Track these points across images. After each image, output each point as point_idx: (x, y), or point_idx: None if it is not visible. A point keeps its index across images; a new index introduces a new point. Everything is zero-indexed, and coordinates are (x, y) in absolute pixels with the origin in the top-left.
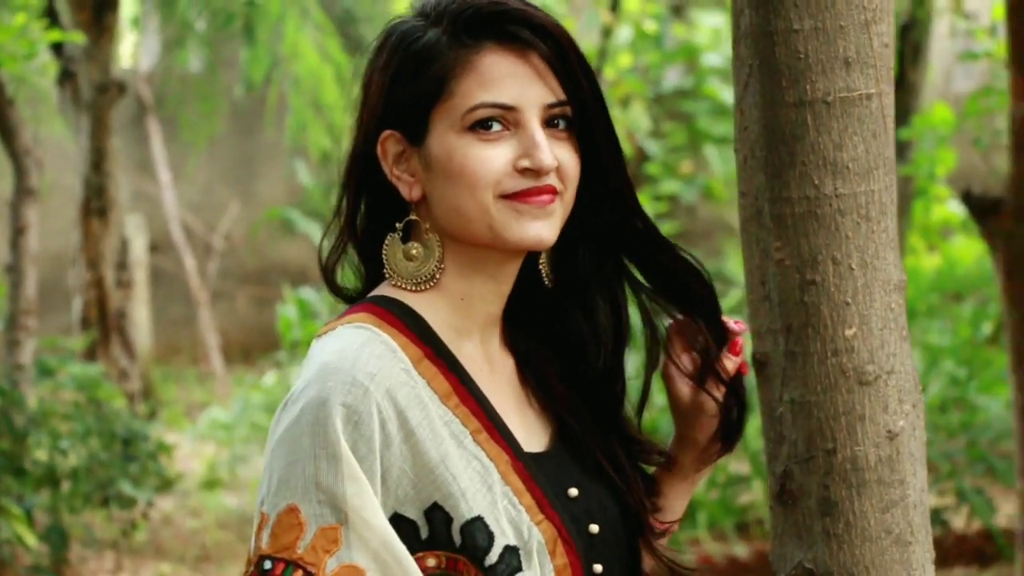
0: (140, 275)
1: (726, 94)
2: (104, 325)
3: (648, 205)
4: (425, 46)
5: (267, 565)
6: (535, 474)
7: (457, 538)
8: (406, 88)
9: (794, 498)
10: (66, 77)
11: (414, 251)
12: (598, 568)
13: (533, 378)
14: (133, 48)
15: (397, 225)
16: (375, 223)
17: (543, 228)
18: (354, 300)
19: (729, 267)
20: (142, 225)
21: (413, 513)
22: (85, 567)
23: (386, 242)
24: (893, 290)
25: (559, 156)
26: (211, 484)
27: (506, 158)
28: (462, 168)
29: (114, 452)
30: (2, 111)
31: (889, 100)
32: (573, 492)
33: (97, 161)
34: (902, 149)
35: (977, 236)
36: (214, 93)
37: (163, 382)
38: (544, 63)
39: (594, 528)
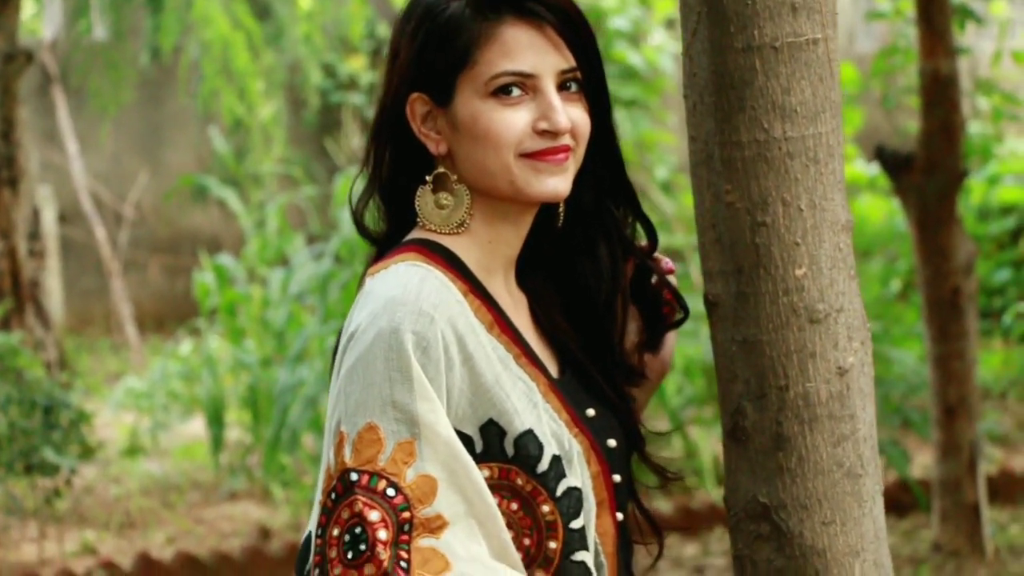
0: (51, 246)
1: (634, 58)
2: (18, 295)
3: None
4: (451, 18)
5: (353, 477)
6: (566, 394)
7: (510, 450)
8: (434, 56)
9: (747, 435)
10: None
11: (444, 200)
12: (617, 478)
13: (542, 313)
14: (35, 17)
15: (427, 177)
16: (403, 175)
17: (559, 182)
18: (380, 243)
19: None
20: (50, 196)
21: (469, 429)
22: (7, 535)
23: (418, 193)
24: (841, 230)
25: (572, 117)
26: (132, 451)
27: (525, 121)
28: (487, 130)
29: (35, 420)
30: None
31: (835, 45)
32: (591, 412)
33: (6, 131)
34: None
35: (884, 194)
36: (121, 62)
37: (77, 352)
38: (557, 34)
39: (612, 442)
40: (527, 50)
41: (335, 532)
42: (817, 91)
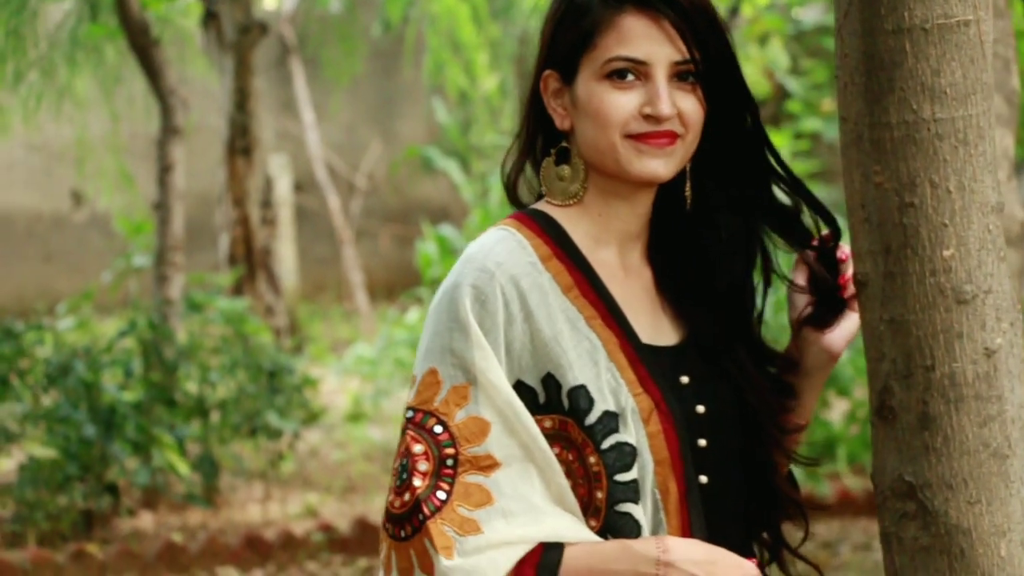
0: (285, 214)
1: None
2: (250, 262)
3: (788, 143)
4: (581, 4)
5: (410, 414)
6: (645, 358)
7: (566, 403)
8: (564, 37)
9: (894, 414)
10: (210, 18)
11: (564, 172)
12: (702, 442)
13: (670, 288)
14: None
15: (552, 150)
16: (546, 147)
17: (659, 165)
18: None
19: None
20: (286, 165)
21: (532, 381)
22: (235, 496)
23: (543, 164)
24: (991, 212)
25: (681, 105)
26: (356, 417)
27: (634, 104)
28: (598, 110)
29: (260, 385)
30: (147, 52)
31: (987, 27)
32: (684, 379)
33: (241, 101)
34: None
35: None
36: (353, 33)
37: (309, 319)
38: (673, 27)
39: (700, 408)
40: (642, 39)
41: (395, 463)
42: (968, 73)
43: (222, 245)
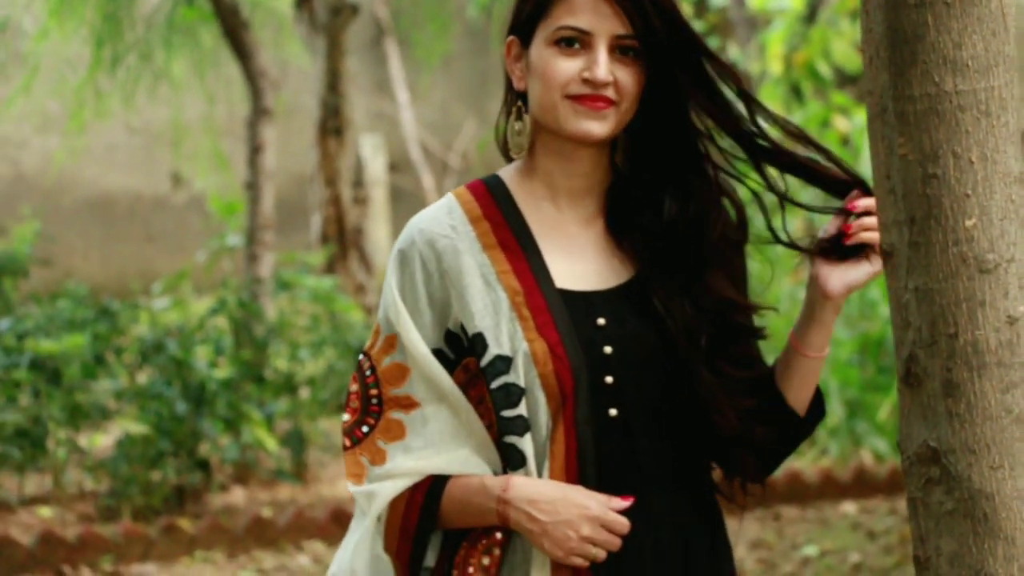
0: (379, 194)
1: None
2: (342, 241)
3: None
4: None
5: (360, 356)
6: (553, 304)
7: (470, 346)
8: (525, 6)
9: (919, 381)
10: (302, 1)
11: (517, 127)
12: (609, 379)
13: (619, 240)
14: None
15: (512, 108)
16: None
17: (593, 126)
18: None
19: None
20: (381, 145)
21: (455, 329)
22: (324, 471)
23: (507, 120)
24: (1014, 182)
25: (618, 75)
26: None
27: (575, 68)
28: (544, 71)
29: (349, 362)
30: (238, 34)
31: (1009, 0)
32: (601, 321)
33: (332, 82)
34: None
35: None
36: (446, 13)
37: None
38: (619, 4)
39: (608, 349)
40: (589, 12)
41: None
42: (990, 45)
43: (314, 225)
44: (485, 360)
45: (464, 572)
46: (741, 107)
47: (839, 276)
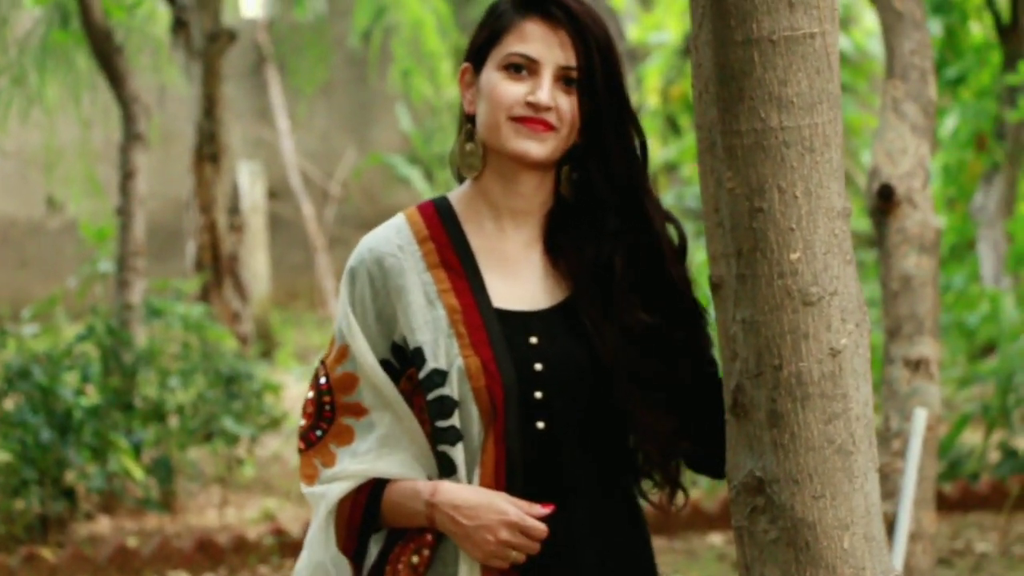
0: (258, 221)
1: (842, 42)
2: (217, 268)
3: None
4: (499, 10)
5: (317, 366)
6: (489, 324)
7: (411, 358)
8: (480, 35)
9: (745, 411)
10: (179, 26)
11: (469, 148)
12: (538, 394)
13: (556, 262)
14: None
15: (463, 129)
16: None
17: (532, 147)
18: None
19: None
20: (260, 172)
21: (400, 342)
22: (192, 501)
23: (457, 141)
24: (837, 217)
25: (560, 102)
26: None
27: (521, 92)
28: (491, 93)
29: (219, 391)
30: (110, 58)
31: (833, 39)
32: (533, 340)
33: (209, 108)
34: (1012, 94)
35: None
36: (325, 42)
37: (282, 326)
38: (568, 38)
39: (538, 366)
40: (538, 41)
41: None
42: (814, 83)
43: (189, 251)
44: (423, 373)
45: (395, 568)
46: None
47: None
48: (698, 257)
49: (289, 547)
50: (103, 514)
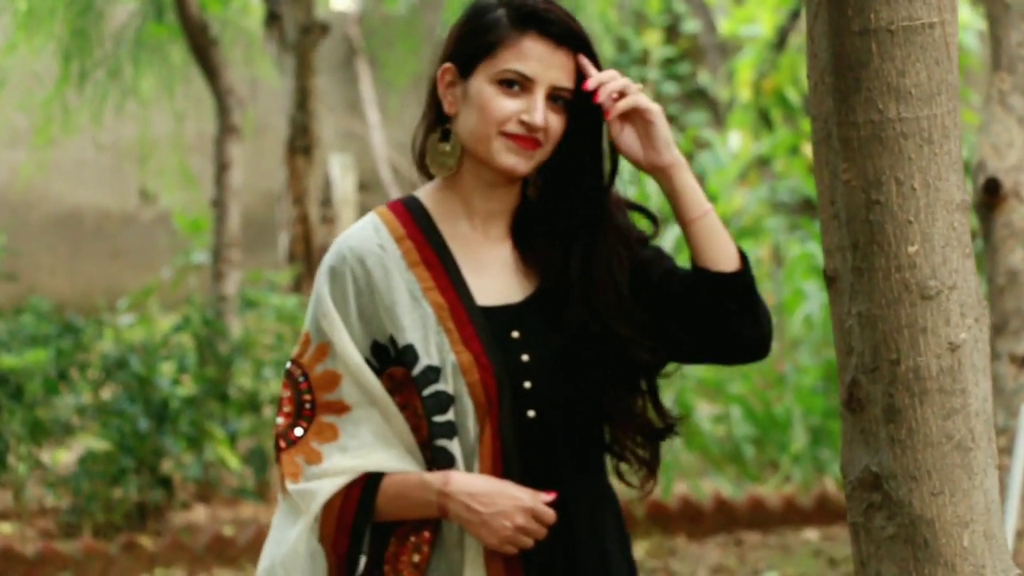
0: (349, 213)
1: None
2: (309, 259)
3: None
4: (492, 19)
5: (288, 366)
6: (475, 319)
7: (399, 357)
8: (471, 41)
9: (861, 406)
10: (272, 19)
11: (445, 148)
12: (527, 384)
13: (525, 257)
14: None
15: (439, 128)
16: (434, 126)
17: (519, 163)
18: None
19: None
20: (351, 164)
21: (383, 340)
22: None
23: (430, 138)
24: (955, 210)
25: (550, 120)
26: None
27: (513, 108)
28: (484, 106)
29: None
30: (206, 51)
31: (952, 29)
32: (515, 334)
33: (301, 101)
34: None
35: None
36: (416, 33)
37: None
38: (565, 58)
39: (525, 357)
40: (535, 60)
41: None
42: (933, 73)
43: (282, 243)
44: (416, 370)
45: (395, 568)
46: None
47: (634, 149)
48: (793, 251)
49: None
50: (199, 503)
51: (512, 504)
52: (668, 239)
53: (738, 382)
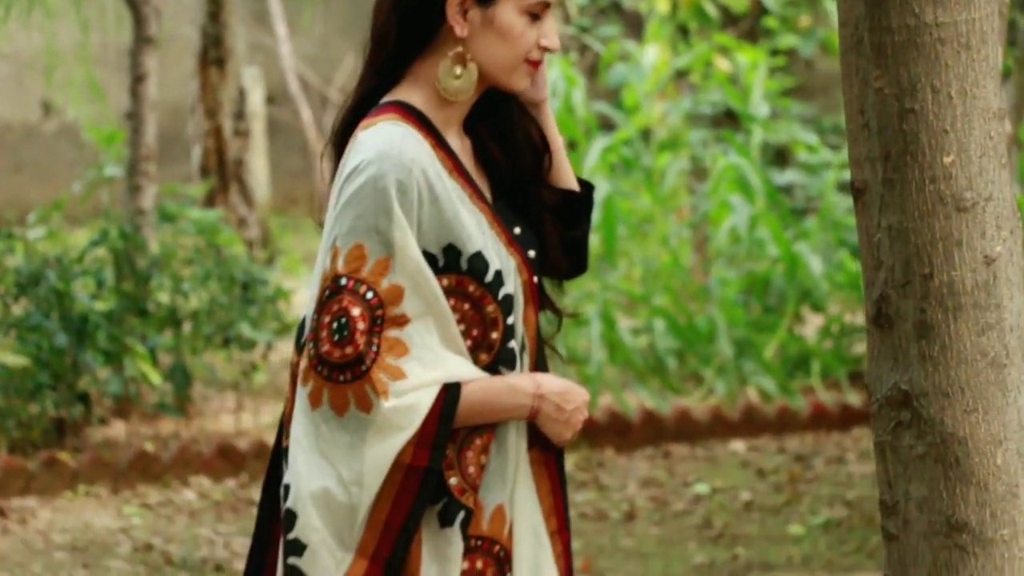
0: (257, 127)
1: None
2: (223, 173)
3: (765, 60)
4: None
5: (343, 281)
6: (504, 221)
7: (464, 265)
8: None
9: (890, 322)
10: None
11: (458, 72)
12: (535, 279)
13: (482, 152)
14: None
15: (449, 53)
16: (411, 46)
17: (529, 83)
18: (364, 98)
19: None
20: (259, 77)
21: (434, 250)
22: (207, 406)
23: (442, 63)
24: (992, 118)
25: None
26: None
27: (535, 37)
28: (515, 37)
29: (233, 296)
30: None
31: None
32: (517, 230)
33: (214, 11)
34: None
35: None
36: None
37: (282, 231)
38: None
39: (532, 253)
40: None
41: (326, 319)
42: None
43: (195, 156)
44: (489, 276)
45: (462, 472)
46: None
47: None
48: (719, 163)
49: None
50: (117, 419)
51: (582, 399)
52: None
53: (660, 295)
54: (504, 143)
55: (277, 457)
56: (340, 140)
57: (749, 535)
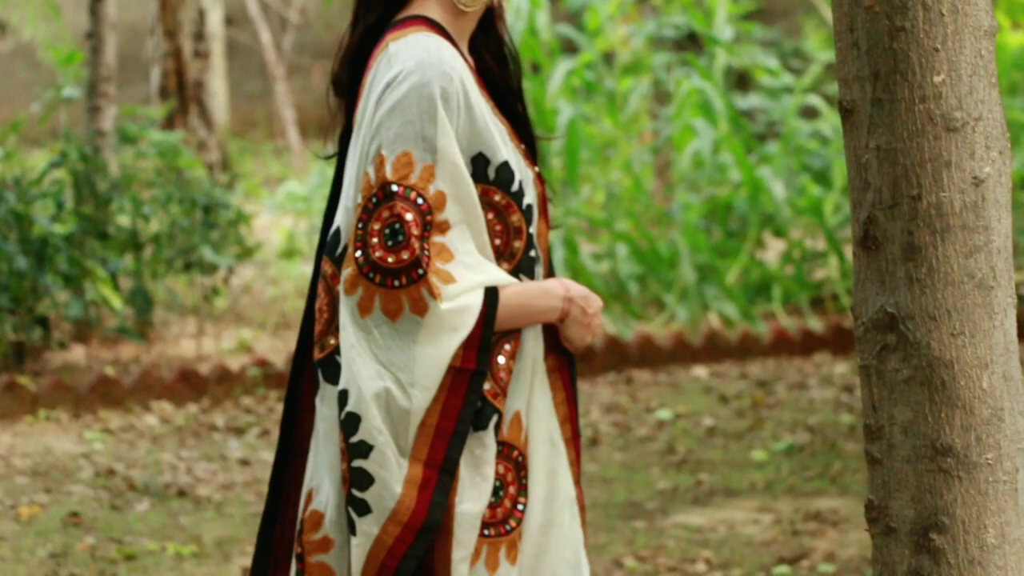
0: (216, 48)
1: None
2: (182, 95)
3: None
4: None
5: (393, 188)
6: (523, 136)
7: (492, 175)
8: None
9: (877, 244)
10: None
11: None
12: (545, 192)
13: (487, 75)
14: None
15: None
16: None
17: None
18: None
19: (808, 45)
20: None
21: (465, 158)
22: (168, 330)
23: None
24: (983, 36)
25: None
26: (289, 254)
27: None
28: None
29: (195, 219)
30: None
31: None
32: (523, 147)
33: None
34: None
35: None
36: None
37: (240, 155)
38: None
39: (536, 168)
40: None
41: (376, 226)
42: None
43: (154, 78)
44: (515, 186)
45: (494, 375)
46: None
47: None
48: (682, 87)
49: (273, 379)
50: (77, 343)
51: (598, 305)
52: None
53: (623, 219)
54: (498, 60)
55: (299, 373)
56: (356, 58)
57: (712, 460)
